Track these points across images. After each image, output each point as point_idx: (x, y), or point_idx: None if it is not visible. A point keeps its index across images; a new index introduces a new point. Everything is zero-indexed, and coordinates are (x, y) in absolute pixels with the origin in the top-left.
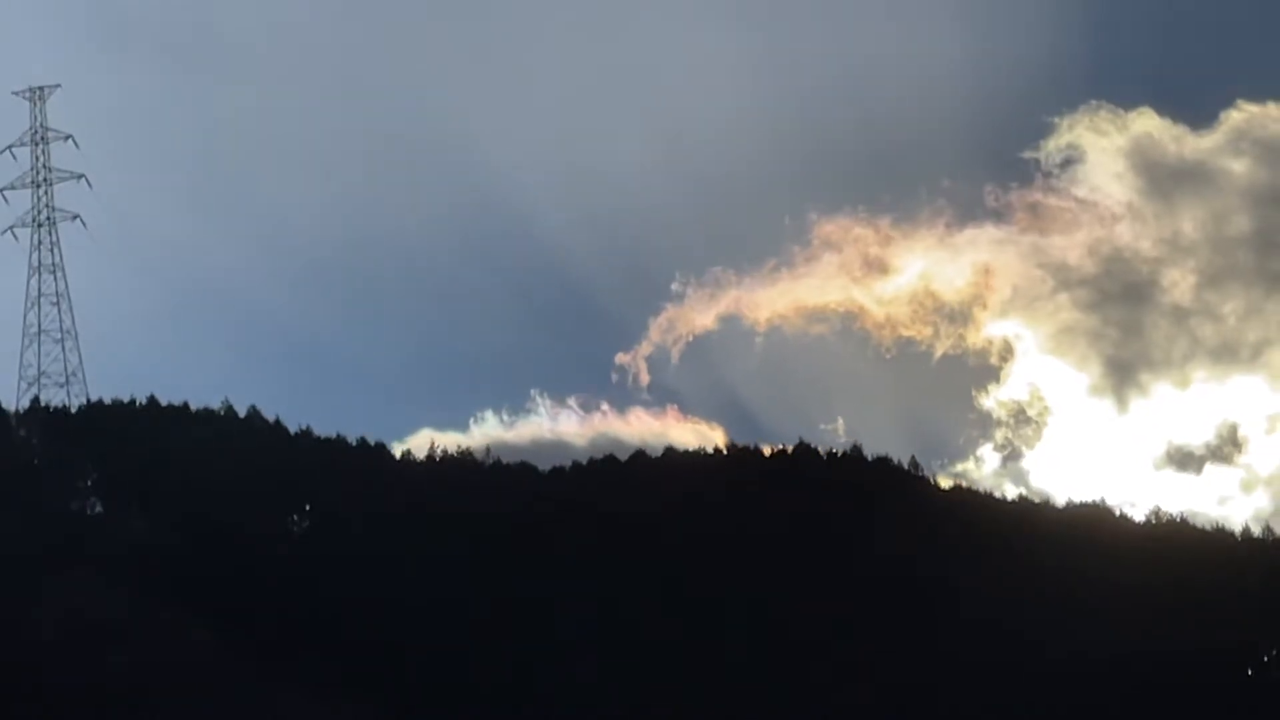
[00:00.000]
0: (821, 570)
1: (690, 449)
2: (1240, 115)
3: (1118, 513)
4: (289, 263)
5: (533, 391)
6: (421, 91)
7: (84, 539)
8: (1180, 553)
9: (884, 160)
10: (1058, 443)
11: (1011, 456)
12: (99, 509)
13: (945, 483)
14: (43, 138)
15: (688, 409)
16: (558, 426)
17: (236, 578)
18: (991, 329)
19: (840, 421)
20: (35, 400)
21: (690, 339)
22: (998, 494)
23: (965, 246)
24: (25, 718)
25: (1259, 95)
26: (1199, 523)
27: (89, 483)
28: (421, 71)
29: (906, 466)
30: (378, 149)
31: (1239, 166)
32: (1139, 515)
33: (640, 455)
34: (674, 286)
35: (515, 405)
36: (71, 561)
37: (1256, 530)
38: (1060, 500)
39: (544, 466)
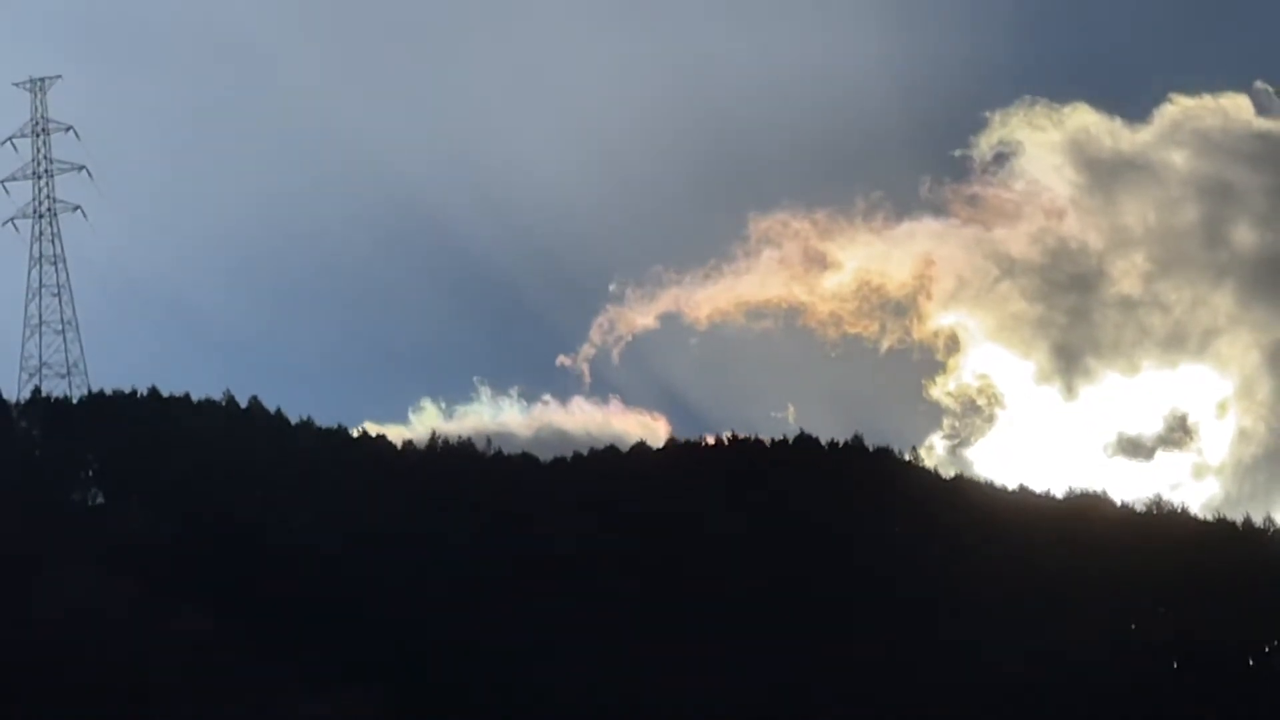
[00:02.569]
0: (824, 562)
1: (691, 440)
2: (1174, 108)
3: (1118, 503)
4: (226, 260)
5: (475, 378)
6: (349, 97)
7: (85, 530)
8: (1181, 543)
9: (820, 157)
10: (1007, 431)
11: (961, 445)
12: (100, 500)
13: (947, 473)
14: (43, 129)
15: (631, 403)
16: (500, 417)
17: (238, 569)
18: (936, 320)
19: (791, 409)
20: (36, 391)
21: (630, 339)
22: (999, 484)
23: (905, 240)
24: (27, 710)
25: (1191, 88)
26: (1199, 513)
27: (90, 474)
28: (349, 78)
29: (909, 457)
30: (314, 155)
31: (1178, 159)
32: (1139, 505)
33: (641, 446)
34: (612, 288)
35: (455, 396)
36: (73, 553)
37: (1258, 520)
38: (1059, 490)
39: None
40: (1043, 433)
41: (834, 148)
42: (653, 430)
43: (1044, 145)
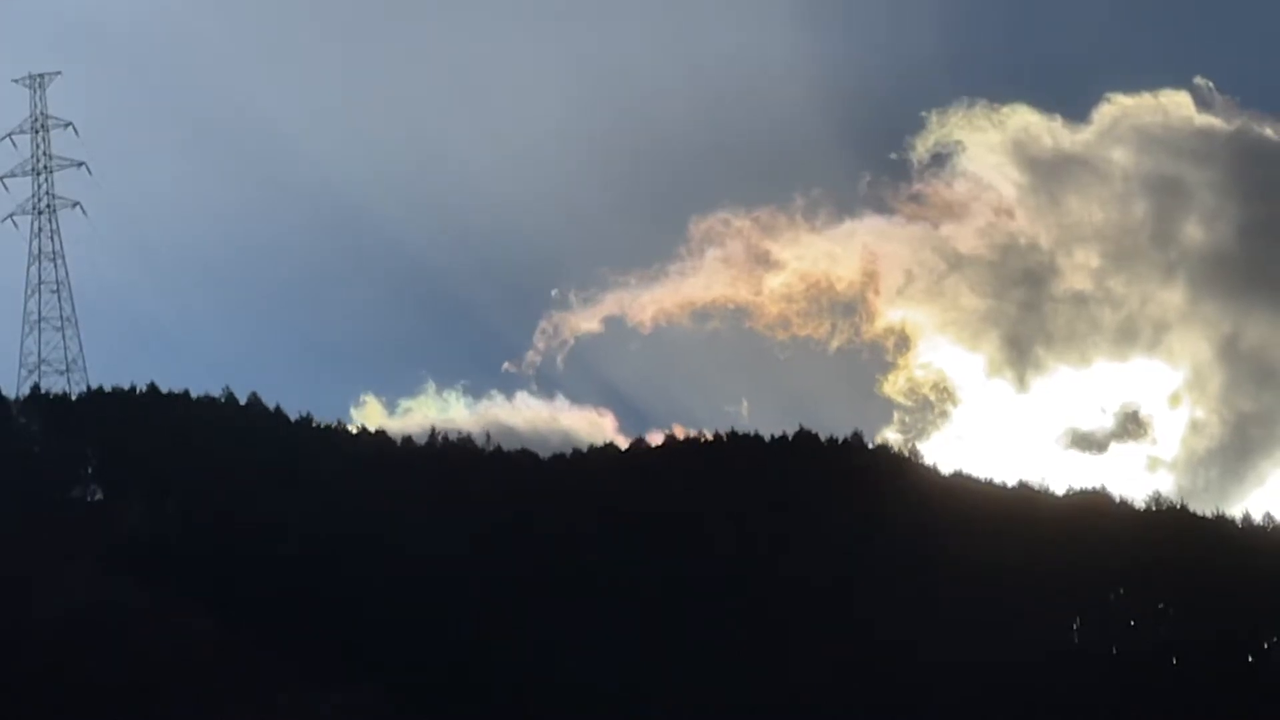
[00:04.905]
0: (824, 559)
1: (691, 435)
2: (1113, 108)
3: (1117, 499)
4: (181, 261)
5: (422, 371)
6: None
7: (85, 528)
8: (1180, 541)
9: (758, 157)
10: (961, 425)
11: (914, 439)
12: (100, 497)
13: (946, 470)
14: (43, 125)
15: (577, 401)
16: (447, 413)
17: (238, 565)
18: (885, 316)
19: (745, 404)
20: (35, 388)
21: (574, 343)
22: (997, 481)
23: (847, 237)
24: (27, 707)
25: (1129, 86)
26: (1198, 510)
27: (89, 470)
28: (302, 88)
29: (907, 454)
30: (267, 163)
31: (1120, 156)
32: (1139, 503)
33: (640, 443)
34: (554, 293)
35: (399, 392)
36: (73, 551)
37: (1257, 518)
38: (1059, 488)
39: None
40: (994, 426)
41: (771, 148)
42: (600, 427)
43: (984, 145)
